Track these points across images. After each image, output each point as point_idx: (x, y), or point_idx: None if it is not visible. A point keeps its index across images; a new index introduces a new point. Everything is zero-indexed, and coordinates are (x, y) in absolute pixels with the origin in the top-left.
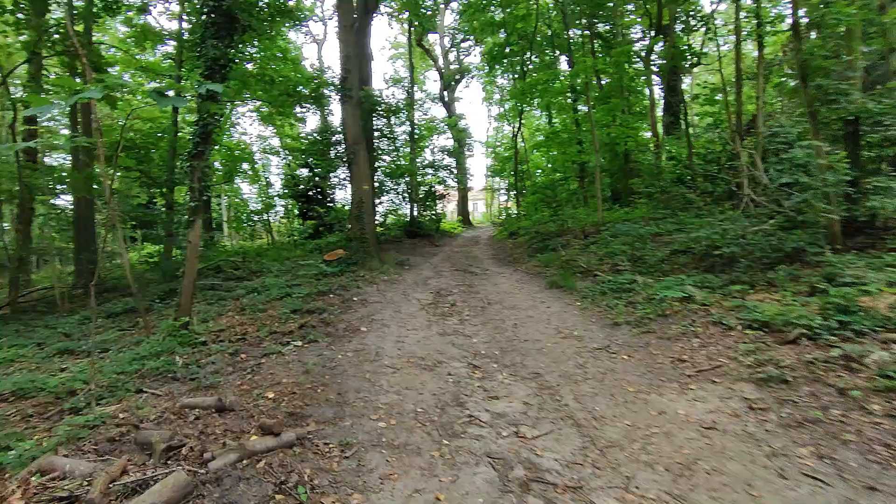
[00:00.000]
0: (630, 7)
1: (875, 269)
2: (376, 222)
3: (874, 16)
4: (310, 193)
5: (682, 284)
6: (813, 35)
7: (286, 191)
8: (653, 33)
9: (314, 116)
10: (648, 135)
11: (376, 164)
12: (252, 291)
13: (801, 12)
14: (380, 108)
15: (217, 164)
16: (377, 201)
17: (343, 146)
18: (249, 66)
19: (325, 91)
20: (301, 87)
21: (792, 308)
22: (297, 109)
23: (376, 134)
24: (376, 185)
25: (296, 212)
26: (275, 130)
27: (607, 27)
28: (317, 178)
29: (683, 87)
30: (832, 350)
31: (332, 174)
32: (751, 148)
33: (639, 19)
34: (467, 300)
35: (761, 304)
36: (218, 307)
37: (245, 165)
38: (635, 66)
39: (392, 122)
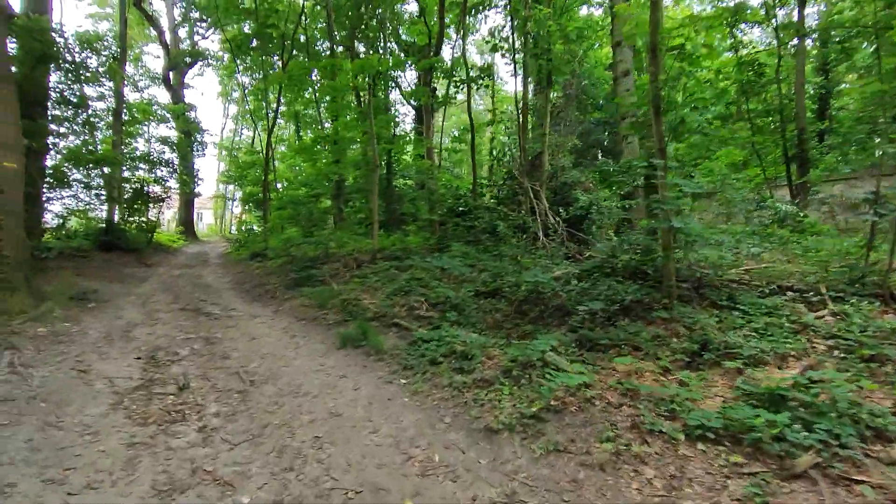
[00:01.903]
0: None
1: (730, 328)
2: (51, 226)
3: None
4: None
5: (535, 348)
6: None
7: None
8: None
9: None
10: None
11: (53, 141)
12: None
13: None
14: (64, 60)
15: None
16: (55, 195)
17: None
18: None
19: None
20: None
21: (710, 394)
22: None
23: (53, 95)
24: (55, 167)
25: None
26: None
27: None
28: None
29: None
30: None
31: None
32: (535, 184)
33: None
34: (210, 375)
35: (668, 386)
36: None
37: None
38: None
39: (83, 89)
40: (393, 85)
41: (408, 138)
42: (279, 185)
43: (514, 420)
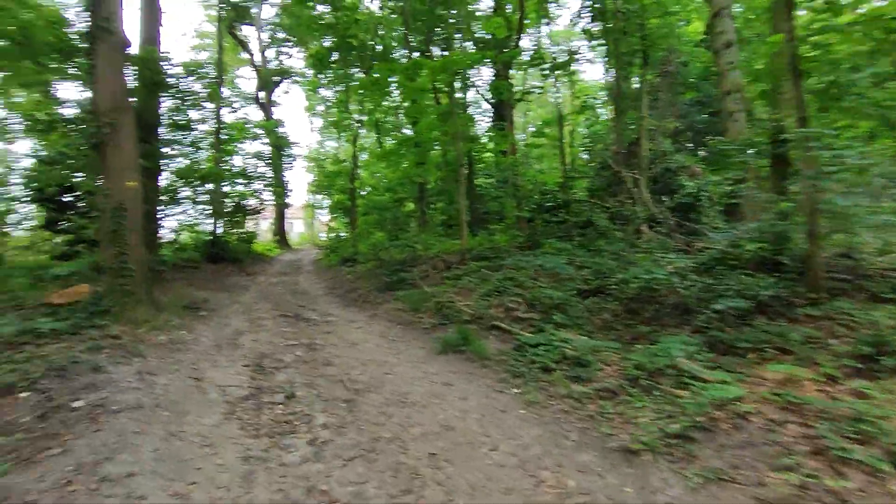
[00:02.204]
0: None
1: None
2: (164, 240)
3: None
4: (62, 197)
5: (662, 353)
6: None
7: (27, 192)
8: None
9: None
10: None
11: (165, 161)
12: None
13: None
14: (171, 86)
15: None
16: (169, 212)
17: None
18: None
19: (72, 32)
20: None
21: None
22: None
23: (166, 121)
24: (167, 186)
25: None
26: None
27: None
28: (67, 175)
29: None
30: None
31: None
32: (634, 172)
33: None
34: (315, 383)
35: (841, 399)
36: None
37: None
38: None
39: (188, 113)
40: (470, 83)
41: (487, 136)
42: (363, 192)
43: (655, 439)
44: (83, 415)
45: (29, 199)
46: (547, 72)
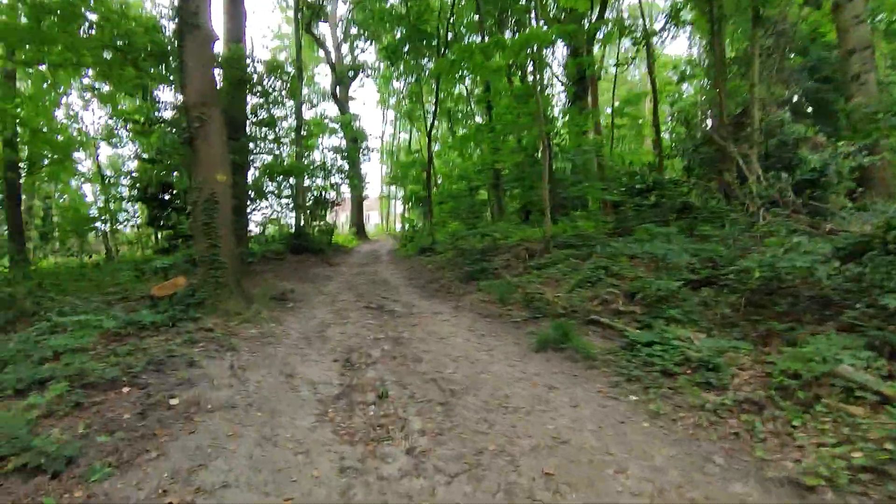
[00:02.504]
0: None
1: None
2: (253, 233)
3: None
4: (163, 195)
5: (818, 357)
6: None
7: (134, 192)
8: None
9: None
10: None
11: (252, 158)
12: None
13: None
14: (255, 83)
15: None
16: (254, 206)
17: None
18: None
19: (164, 30)
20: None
21: None
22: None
23: (251, 118)
24: (254, 181)
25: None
26: (110, 111)
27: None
28: (167, 173)
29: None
30: None
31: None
32: (742, 147)
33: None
34: (406, 381)
35: None
36: None
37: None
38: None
39: (271, 110)
40: (546, 63)
41: (566, 117)
42: (438, 182)
43: (838, 472)
44: (179, 413)
45: (134, 198)
46: (637, 43)
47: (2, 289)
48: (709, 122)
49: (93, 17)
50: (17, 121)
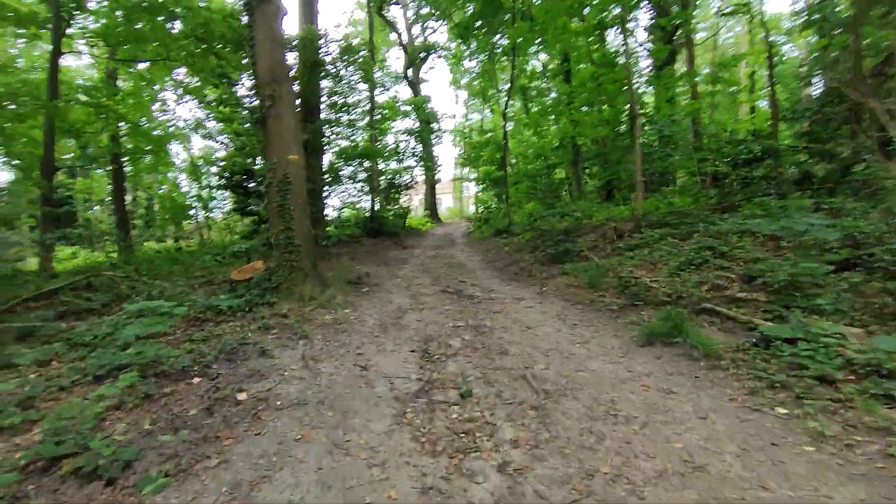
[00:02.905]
0: None
1: None
2: (329, 218)
3: None
4: (246, 182)
5: None
6: None
7: (221, 180)
8: None
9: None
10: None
11: (327, 142)
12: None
13: None
14: (328, 66)
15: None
16: (330, 190)
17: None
18: None
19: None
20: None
21: None
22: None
23: (325, 101)
24: (329, 165)
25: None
26: (200, 103)
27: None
28: (251, 161)
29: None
30: None
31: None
32: (885, 101)
33: None
34: (491, 377)
35: None
36: None
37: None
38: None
39: (344, 94)
40: (629, 31)
41: (650, 87)
42: (513, 161)
43: None
44: (246, 410)
45: (221, 186)
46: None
47: (104, 273)
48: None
49: (177, 9)
50: (119, 117)
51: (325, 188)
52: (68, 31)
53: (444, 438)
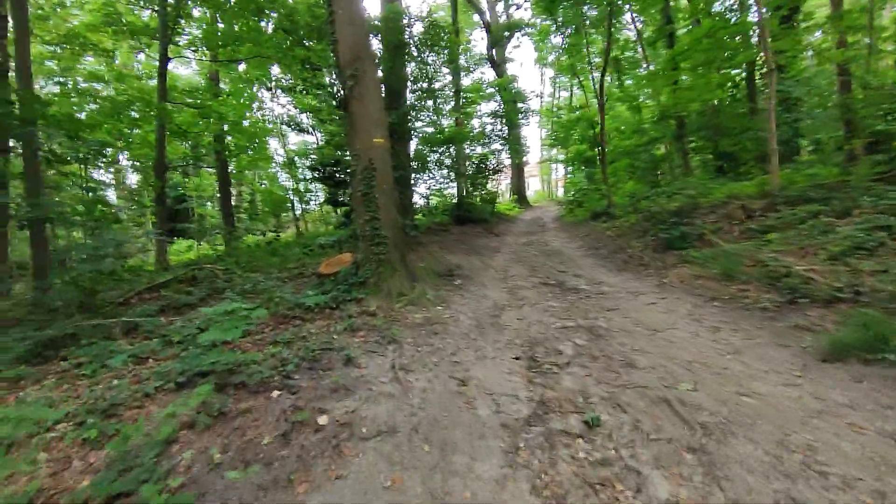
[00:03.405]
0: None
1: None
2: (418, 206)
3: None
4: (337, 174)
5: None
6: None
7: (314, 173)
8: None
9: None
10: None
11: (411, 126)
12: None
13: None
14: (412, 48)
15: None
16: (418, 177)
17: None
18: None
19: None
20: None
21: None
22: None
23: (410, 86)
24: (417, 152)
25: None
26: (293, 98)
27: None
28: (335, 151)
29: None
30: None
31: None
32: None
33: None
34: (620, 399)
35: None
36: None
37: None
38: None
39: (430, 79)
40: None
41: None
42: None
43: None
44: (326, 441)
45: (314, 178)
46: None
47: (207, 267)
48: None
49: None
50: (221, 117)
51: (413, 176)
52: (178, 41)
53: (573, 491)
